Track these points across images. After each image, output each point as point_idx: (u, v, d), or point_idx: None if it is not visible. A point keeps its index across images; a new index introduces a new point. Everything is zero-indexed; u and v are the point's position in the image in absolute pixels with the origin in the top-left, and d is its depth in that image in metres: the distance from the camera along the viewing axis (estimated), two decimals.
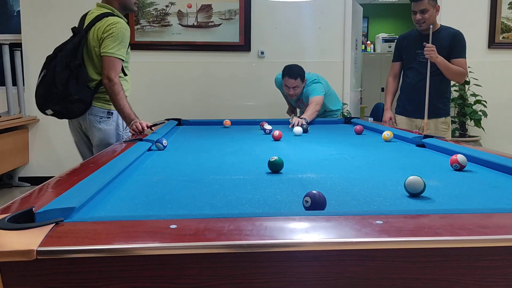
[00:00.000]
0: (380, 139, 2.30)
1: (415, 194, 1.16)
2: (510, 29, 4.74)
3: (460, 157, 1.51)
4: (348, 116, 4.58)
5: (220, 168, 1.61)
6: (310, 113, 3.14)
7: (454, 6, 4.64)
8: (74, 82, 2.39)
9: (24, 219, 0.89)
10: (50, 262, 0.75)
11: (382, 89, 9.83)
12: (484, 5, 4.73)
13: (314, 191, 1.03)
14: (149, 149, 1.96)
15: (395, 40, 3.33)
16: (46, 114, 2.56)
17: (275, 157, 1.51)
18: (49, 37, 4.62)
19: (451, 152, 1.76)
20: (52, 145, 4.76)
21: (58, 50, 2.53)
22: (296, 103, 3.59)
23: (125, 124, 2.50)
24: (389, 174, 1.47)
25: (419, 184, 1.15)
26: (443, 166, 1.57)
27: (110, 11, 2.49)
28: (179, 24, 4.64)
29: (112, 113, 2.49)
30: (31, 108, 4.69)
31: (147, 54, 4.61)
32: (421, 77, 3.03)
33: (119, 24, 2.41)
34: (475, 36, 4.67)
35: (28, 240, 0.76)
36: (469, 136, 4.55)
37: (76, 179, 1.24)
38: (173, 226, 0.82)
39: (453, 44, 3.00)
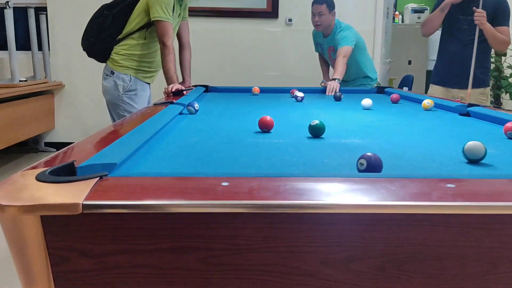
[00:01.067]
0: (420, 108, 2.20)
1: (475, 160, 1.08)
2: None
3: None
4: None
5: (258, 131, 1.54)
6: (340, 69, 3.06)
7: None
8: (99, 27, 2.62)
9: (65, 173, 0.84)
10: (96, 217, 0.70)
11: (410, 62, 9.56)
12: None
13: (369, 153, 0.95)
14: (180, 113, 1.91)
15: (436, 3, 3.10)
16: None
17: (316, 121, 1.43)
18: (75, 0, 4.57)
19: (500, 121, 1.66)
20: (78, 110, 4.76)
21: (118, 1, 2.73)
22: (328, 54, 3.46)
23: (126, 86, 2.62)
24: (440, 141, 1.39)
25: (480, 149, 1.07)
26: (496, 134, 1.48)
27: None
28: None
29: (113, 72, 2.63)
30: (57, 73, 4.68)
31: None
32: (462, 44, 2.88)
33: None
34: None
35: (73, 194, 0.71)
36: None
37: (113, 137, 1.19)
38: (224, 184, 0.76)
39: (497, 11, 2.83)
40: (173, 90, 2.38)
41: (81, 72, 4.61)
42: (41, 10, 4.56)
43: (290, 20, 4.48)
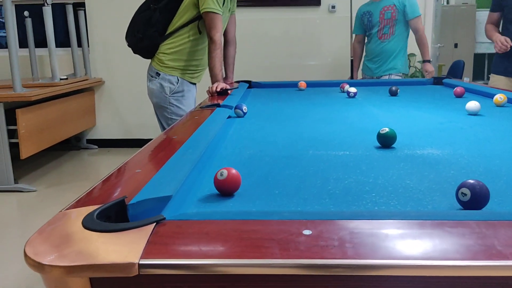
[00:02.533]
0: (490, 103, 1.98)
1: None
2: None
3: None
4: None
5: (317, 140, 1.39)
6: (427, 47, 3.39)
7: None
8: (146, 22, 2.49)
9: (115, 212, 0.72)
10: (156, 279, 0.58)
11: (456, 45, 9.08)
12: None
13: (472, 180, 0.78)
14: (229, 116, 1.77)
15: None
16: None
17: (386, 129, 1.26)
18: None
19: None
20: (118, 107, 4.73)
21: None
22: (380, 15, 3.39)
23: (173, 88, 2.49)
24: None
25: None
26: None
27: None
28: None
29: (159, 74, 2.50)
30: (97, 69, 4.65)
31: None
32: None
33: None
34: None
35: (127, 249, 0.59)
36: None
37: (163, 155, 1.07)
38: (306, 232, 0.62)
39: None
40: (218, 89, 2.25)
41: (120, 68, 4.56)
42: (79, 6, 4.52)
43: (333, 7, 4.27)
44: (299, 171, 1.05)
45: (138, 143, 4.66)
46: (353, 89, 2.34)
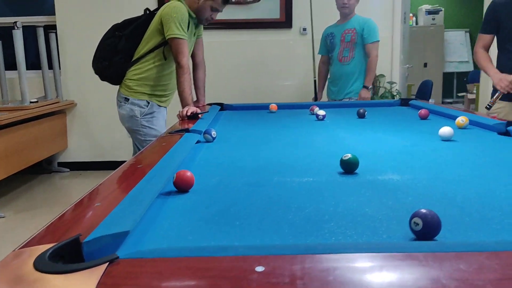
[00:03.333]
0: (452, 125, 2.03)
1: None
2: None
3: None
4: (398, 96, 4.30)
5: (283, 165, 1.40)
6: (372, 75, 3.42)
7: None
8: (112, 49, 2.50)
9: (70, 251, 0.71)
10: None
11: (425, 65, 9.33)
12: None
13: (424, 210, 0.81)
14: (198, 141, 1.78)
15: (489, 6, 2.72)
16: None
17: (349, 155, 1.29)
18: (84, 18, 4.49)
19: None
20: (91, 129, 4.68)
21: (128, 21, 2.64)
22: (341, 37, 3.47)
23: (143, 111, 2.50)
24: (489, 174, 1.24)
25: None
26: None
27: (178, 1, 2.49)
28: None
29: (128, 99, 2.52)
30: (69, 91, 4.61)
31: None
32: None
33: (177, 5, 2.42)
34: None
35: None
36: None
37: (125, 185, 1.06)
38: (259, 269, 0.62)
39: None
40: (189, 114, 2.26)
41: (92, 90, 4.52)
42: (50, 28, 4.49)
43: (304, 29, 4.35)
44: (263, 200, 1.06)
45: (110, 165, 4.59)
46: (321, 112, 2.38)
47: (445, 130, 1.72)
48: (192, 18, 2.51)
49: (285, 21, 4.38)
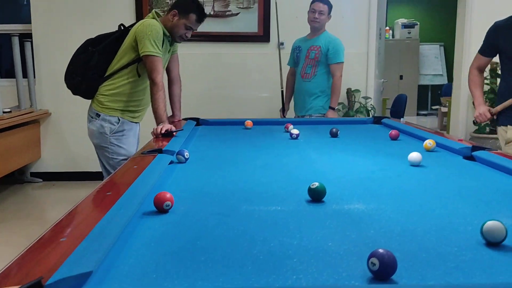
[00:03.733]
0: (420, 146, 2.09)
1: (494, 242, 0.97)
2: None
3: None
4: (372, 111, 4.38)
5: (252, 192, 1.43)
6: (338, 95, 3.43)
7: None
8: (85, 65, 2.50)
9: None
10: None
11: (401, 77, 9.52)
12: None
13: (381, 250, 0.84)
14: (171, 162, 1.79)
15: (491, 28, 2.70)
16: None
17: (316, 184, 1.32)
18: (60, 27, 4.45)
19: (508, 171, 1.57)
20: (65, 139, 4.62)
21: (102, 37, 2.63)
22: (306, 53, 3.50)
23: (113, 128, 2.50)
24: (450, 205, 1.28)
25: (500, 233, 0.96)
26: (508, 192, 1.37)
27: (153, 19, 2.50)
28: None
29: (99, 115, 2.51)
30: (43, 101, 4.55)
31: None
32: None
33: (151, 23, 2.43)
34: None
35: None
36: None
37: (93, 216, 1.07)
38: None
39: None
40: (163, 131, 2.26)
41: (67, 99, 4.42)
42: (26, 36, 4.43)
43: (282, 43, 4.40)
44: (229, 232, 1.08)
45: (84, 175, 4.56)
46: (295, 131, 2.42)
47: (414, 156, 1.76)
48: (166, 36, 2.52)
49: (263, 35, 4.42)
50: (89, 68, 2.48)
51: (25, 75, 4.41)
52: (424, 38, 9.72)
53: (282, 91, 3.86)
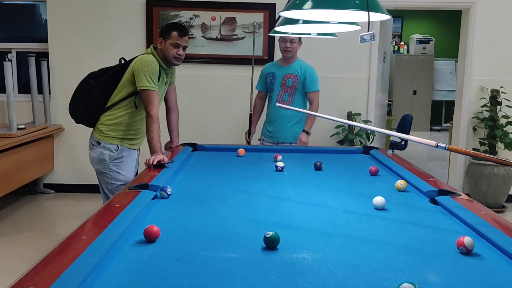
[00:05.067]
0: (394, 184, 2.20)
1: None
2: None
3: (467, 240, 1.41)
4: (372, 135, 4.47)
5: (216, 236, 1.56)
6: (312, 121, 3.49)
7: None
8: (87, 96, 2.70)
9: None
10: None
11: (415, 92, 9.53)
12: None
13: None
14: (155, 197, 1.95)
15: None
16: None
17: (271, 233, 1.45)
18: (76, 46, 4.69)
19: (462, 221, 1.67)
20: (77, 153, 4.85)
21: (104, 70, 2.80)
22: (282, 81, 3.53)
23: (112, 155, 2.68)
24: (389, 258, 1.39)
25: None
26: (450, 245, 1.47)
27: (151, 54, 2.70)
28: (203, 37, 4.62)
29: (100, 143, 2.71)
30: (58, 116, 4.79)
31: None
32: None
33: (148, 59, 2.62)
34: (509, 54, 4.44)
35: None
36: None
37: (64, 263, 1.22)
38: None
39: None
40: (155, 163, 2.43)
41: None
42: (42, 55, 4.68)
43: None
44: (183, 280, 1.22)
45: (94, 188, 4.74)
46: (281, 164, 2.55)
47: (378, 200, 1.88)
48: (164, 69, 2.70)
49: (267, 58, 4.56)
50: (90, 100, 2.68)
51: (40, 91, 4.65)
52: (439, 54, 9.72)
53: (250, 114, 3.85)
